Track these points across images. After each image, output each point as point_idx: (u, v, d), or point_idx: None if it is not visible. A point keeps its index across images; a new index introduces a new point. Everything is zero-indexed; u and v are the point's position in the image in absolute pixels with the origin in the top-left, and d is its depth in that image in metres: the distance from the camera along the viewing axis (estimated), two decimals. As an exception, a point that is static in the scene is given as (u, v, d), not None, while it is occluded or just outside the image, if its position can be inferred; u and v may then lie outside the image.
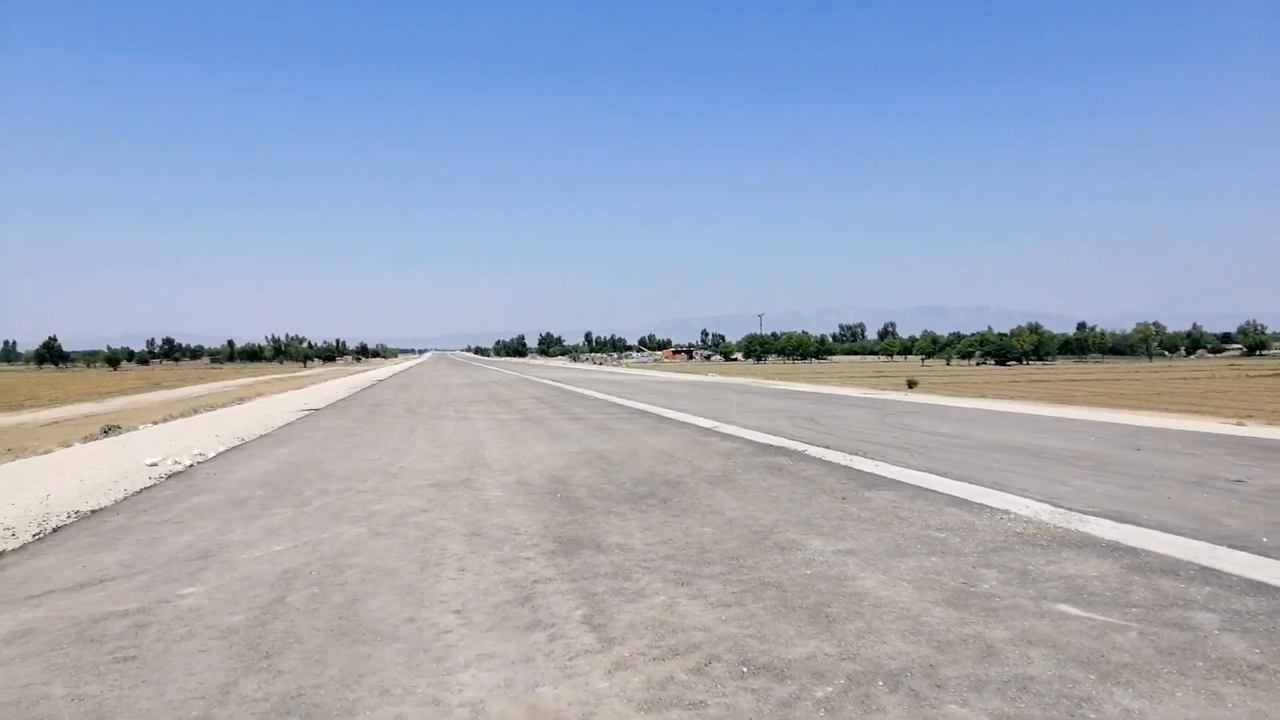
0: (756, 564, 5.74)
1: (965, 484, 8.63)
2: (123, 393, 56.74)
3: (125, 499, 9.66)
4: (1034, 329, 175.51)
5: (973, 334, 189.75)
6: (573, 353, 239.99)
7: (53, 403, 45.86)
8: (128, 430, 20.41)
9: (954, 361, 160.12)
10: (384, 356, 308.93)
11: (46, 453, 15.37)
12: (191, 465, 12.63)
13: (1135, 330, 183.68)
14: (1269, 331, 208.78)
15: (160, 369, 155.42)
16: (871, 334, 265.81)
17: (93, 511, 8.88)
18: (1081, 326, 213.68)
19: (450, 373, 64.92)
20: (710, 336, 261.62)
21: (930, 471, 9.53)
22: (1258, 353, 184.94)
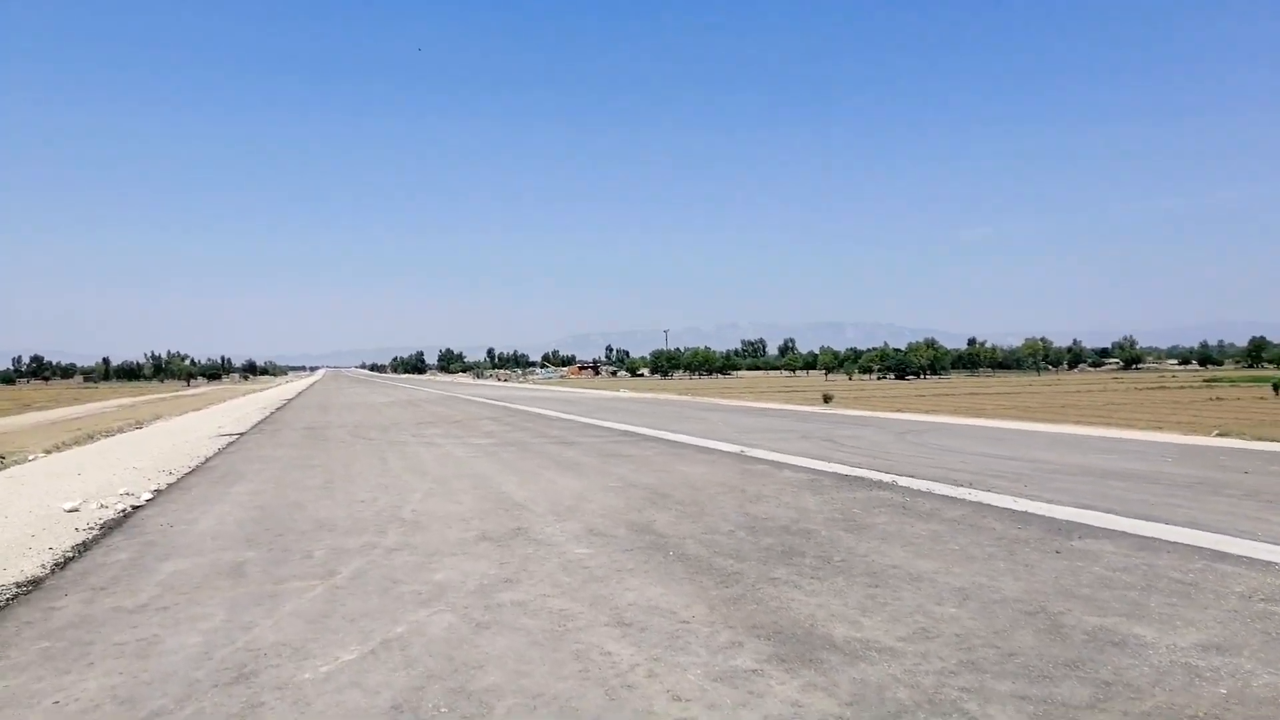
0: (1108, 678, 3.90)
1: (1164, 525, 7.03)
2: (-13, 416, 50.75)
3: (61, 565, 7.10)
4: (930, 344, 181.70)
5: (869, 349, 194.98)
6: (476, 369, 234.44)
7: (-95, 429, 40.25)
8: (13, 461, 17.07)
9: (855, 376, 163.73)
10: (273, 374, 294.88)
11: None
12: (126, 511, 9.95)
13: (1024, 345, 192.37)
14: (1140, 347, 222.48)
15: (29, 389, 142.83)
16: (772, 349, 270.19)
17: (21, 590, 6.33)
18: (972, 342, 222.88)
19: (363, 391, 60.97)
20: (615, 352, 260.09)
21: (1089, 508, 7.94)
22: (1133, 366, 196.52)
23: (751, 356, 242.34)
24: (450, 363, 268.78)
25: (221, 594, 6.00)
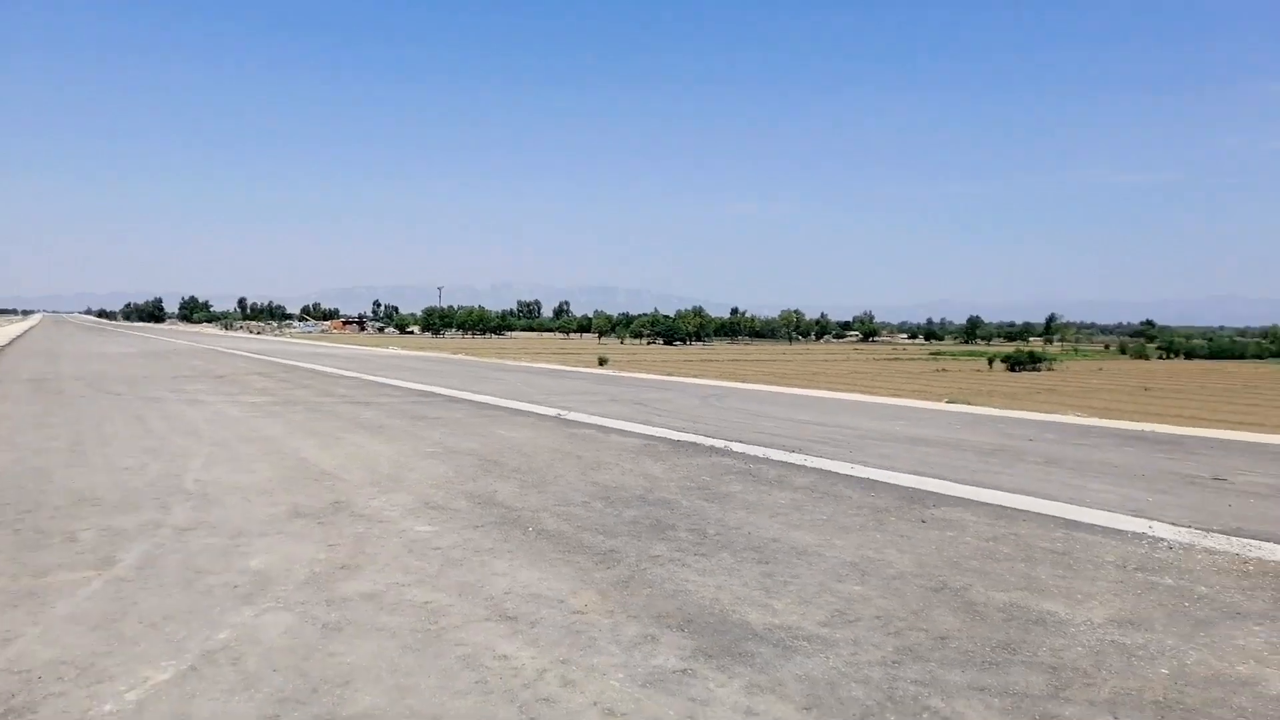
0: (1051, 661, 3.78)
1: (1003, 493, 7.29)
2: None
3: None
4: (697, 312, 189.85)
5: (641, 314, 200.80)
6: (224, 320, 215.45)
7: None
8: None
9: (627, 340, 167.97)
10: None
11: None
12: None
13: (780, 317, 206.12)
14: (876, 321, 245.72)
15: None
16: (547, 311, 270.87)
17: None
18: (734, 311, 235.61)
19: (97, 340, 53.67)
20: (383, 308, 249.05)
21: (923, 474, 8.14)
22: (871, 339, 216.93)
23: (527, 318, 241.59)
24: (194, 312, 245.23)
25: (-46, 595, 4.60)
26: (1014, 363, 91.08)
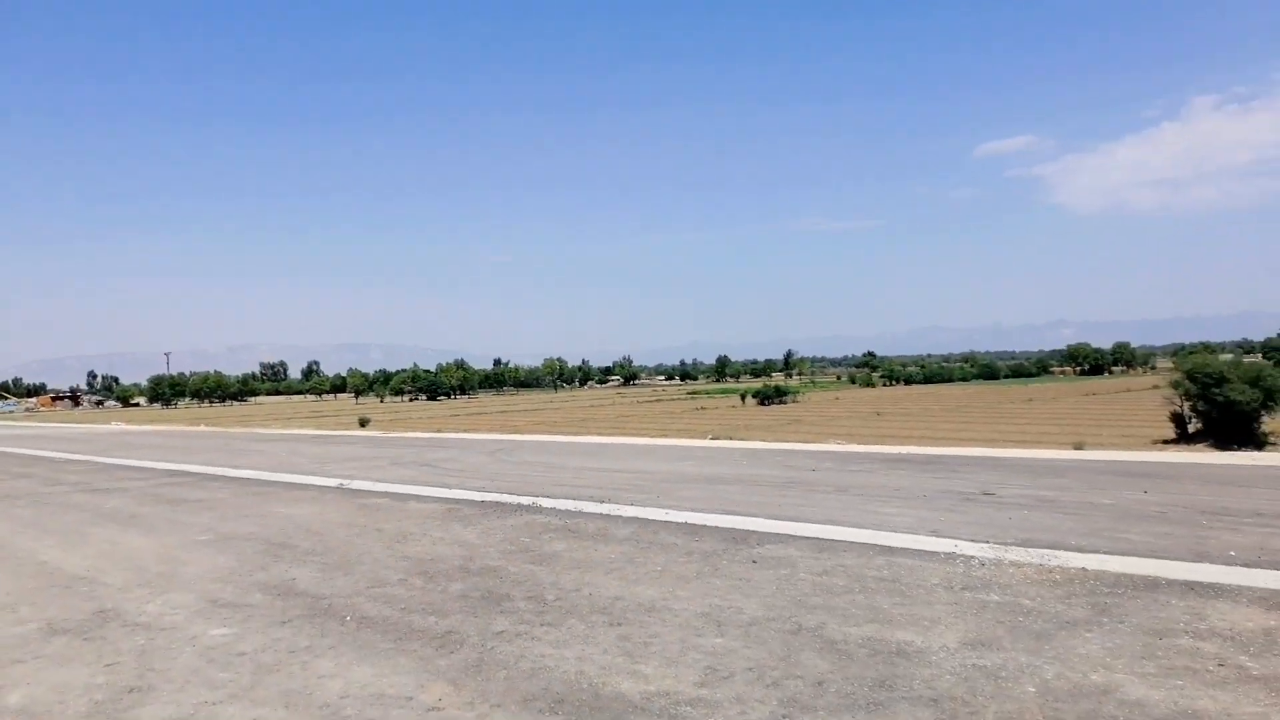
0: (929, 694, 3.89)
1: (814, 525, 7.59)
2: None
3: None
4: (460, 365, 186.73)
5: (399, 370, 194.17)
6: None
7: None
8: None
9: (387, 398, 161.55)
10: None
11: None
12: None
13: (544, 365, 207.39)
14: (636, 365, 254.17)
15: None
16: (295, 372, 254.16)
17: None
18: (498, 362, 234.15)
19: None
20: (101, 379, 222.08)
21: (734, 513, 8.32)
22: (631, 382, 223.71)
23: (272, 380, 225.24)
24: None
25: None
26: (764, 397, 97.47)
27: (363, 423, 45.85)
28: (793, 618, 4.95)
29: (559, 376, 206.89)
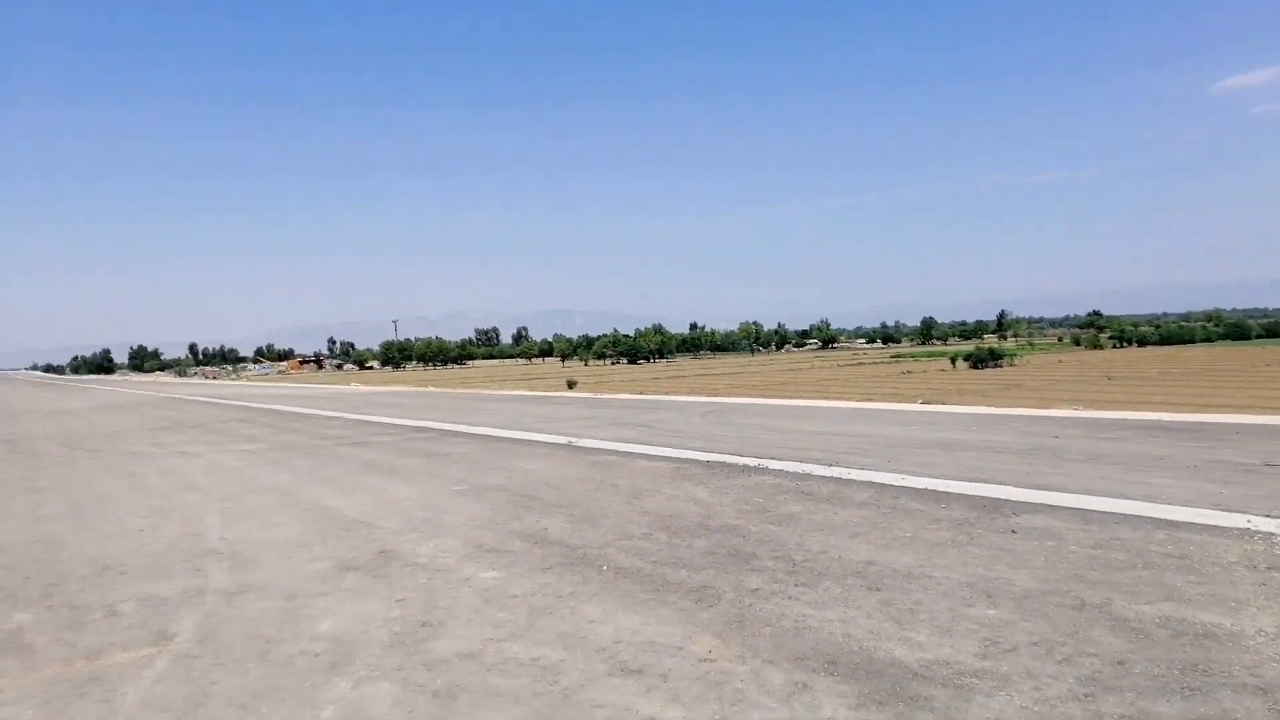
0: (1258, 682, 3.50)
1: (1074, 495, 7.06)
2: None
3: None
4: (658, 330, 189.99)
5: (601, 335, 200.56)
6: (178, 367, 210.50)
7: None
8: None
9: (590, 362, 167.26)
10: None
11: None
12: None
13: (740, 329, 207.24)
14: (834, 328, 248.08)
15: None
16: (506, 338, 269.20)
17: None
18: (694, 327, 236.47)
19: (53, 395, 51.92)
20: (339, 345, 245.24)
21: (981, 480, 7.90)
22: (830, 346, 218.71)
23: (486, 345, 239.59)
24: (144, 361, 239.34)
25: (11, 684, 4.11)
26: (976, 360, 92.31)
27: (570, 384, 47.71)
28: (1072, 592, 4.62)
29: (755, 340, 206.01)
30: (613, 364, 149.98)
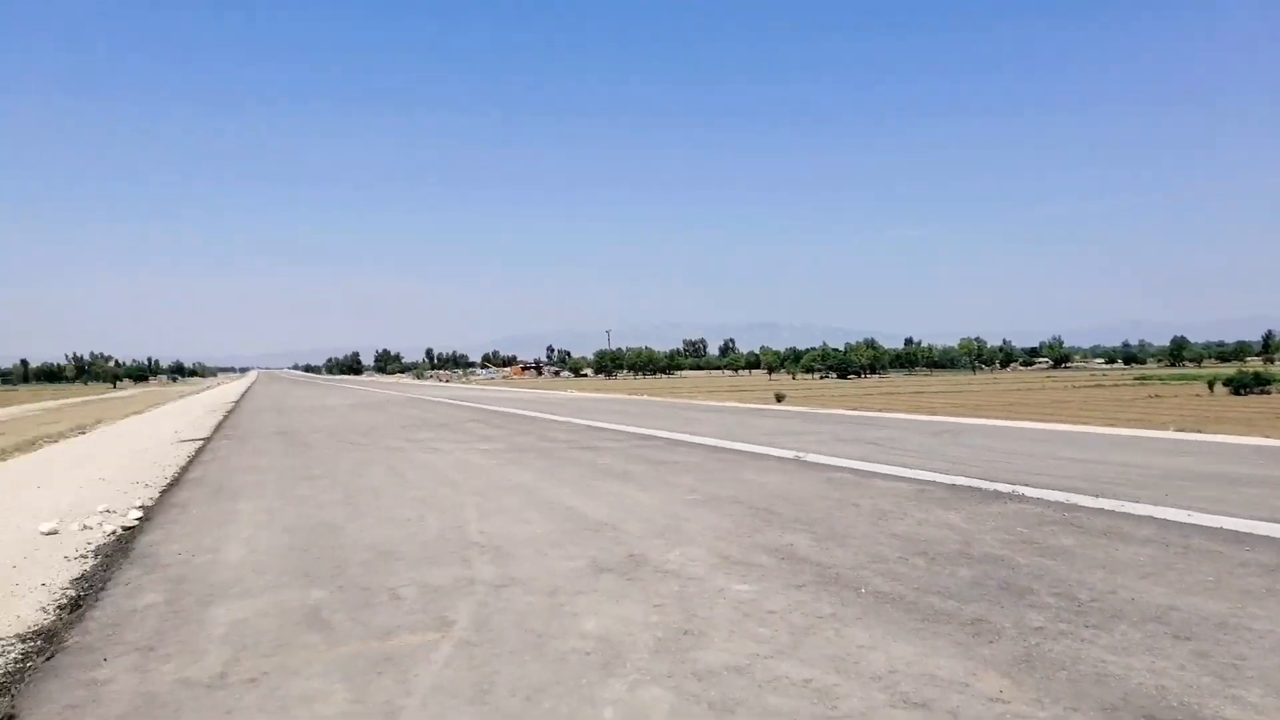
0: None
1: None
2: (-105, 419, 46.99)
3: (68, 609, 5.50)
4: (870, 344, 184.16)
5: (808, 349, 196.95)
6: (415, 370, 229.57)
7: None
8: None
9: (798, 375, 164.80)
10: (202, 375, 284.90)
11: None
12: (118, 534, 8.30)
13: (960, 345, 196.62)
14: (1066, 346, 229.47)
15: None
16: (712, 349, 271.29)
17: (29, 646, 4.74)
18: (909, 342, 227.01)
19: (313, 393, 58.25)
20: (556, 352, 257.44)
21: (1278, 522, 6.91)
22: (1062, 365, 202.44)
23: (694, 356, 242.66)
24: (387, 363, 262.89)
25: (318, 657, 4.52)
26: (1239, 385, 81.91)
27: (779, 397, 47.16)
28: None
29: (976, 357, 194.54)
30: (821, 378, 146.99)
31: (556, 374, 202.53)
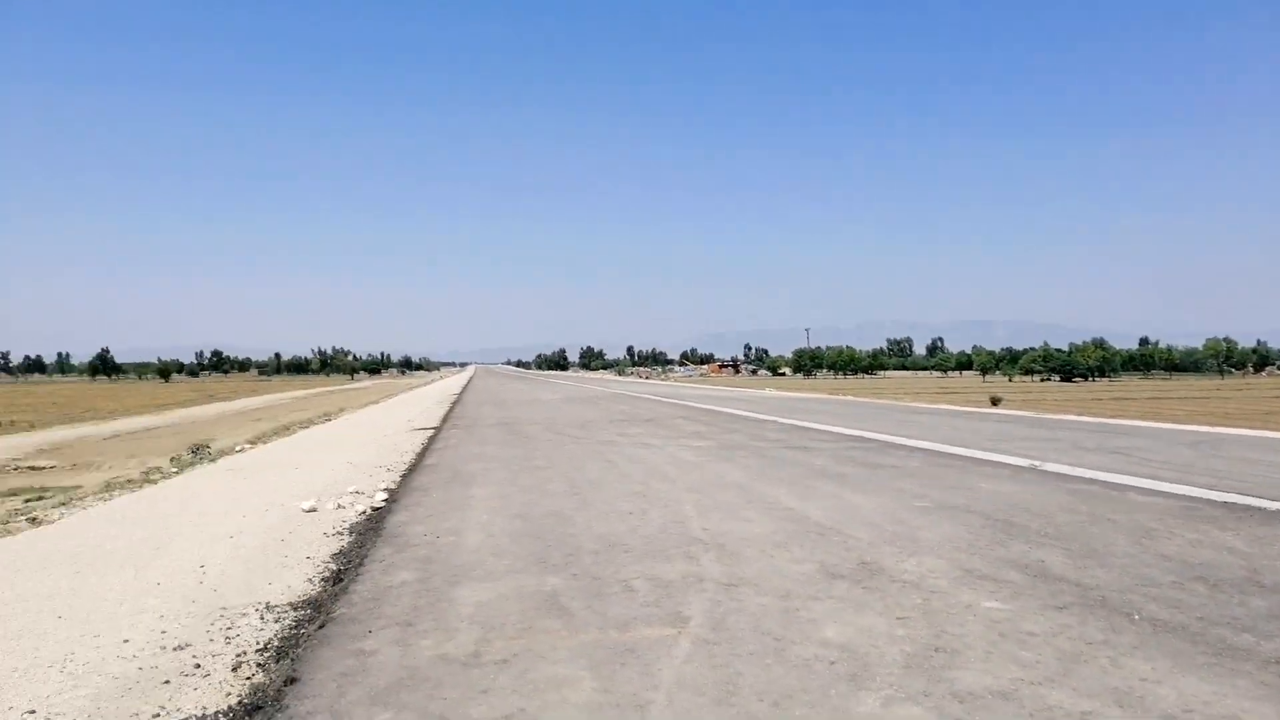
0: None
1: None
2: (180, 405, 54.08)
3: (330, 581, 6.00)
4: (1098, 345, 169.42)
5: (1025, 349, 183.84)
6: (617, 366, 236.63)
7: (111, 415, 43.07)
8: (223, 453, 16.91)
9: (1015, 378, 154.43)
10: (427, 369, 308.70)
11: (139, 484, 11.81)
12: (368, 514, 9.00)
13: (1205, 346, 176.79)
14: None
15: (210, 381, 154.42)
16: (918, 348, 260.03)
17: (301, 614, 5.20)
18: (1144, 342, 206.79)
19: (526, 387, 61.43)
20: (753, 351, 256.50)
21: None
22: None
23: (898, 356, 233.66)
24: (591, 360, 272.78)
25: (562, 642, 4.63)
26: None
27: (994, 401, 44.30)
28: None
29: (1225, 359, 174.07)
30: (1042, 380, 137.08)
31: (754, 372, 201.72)
